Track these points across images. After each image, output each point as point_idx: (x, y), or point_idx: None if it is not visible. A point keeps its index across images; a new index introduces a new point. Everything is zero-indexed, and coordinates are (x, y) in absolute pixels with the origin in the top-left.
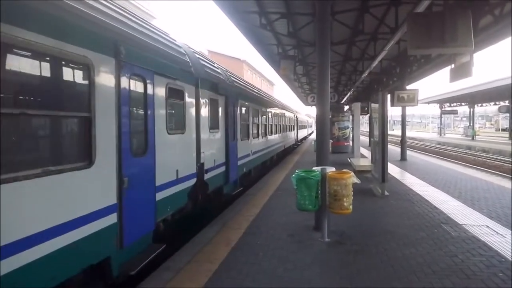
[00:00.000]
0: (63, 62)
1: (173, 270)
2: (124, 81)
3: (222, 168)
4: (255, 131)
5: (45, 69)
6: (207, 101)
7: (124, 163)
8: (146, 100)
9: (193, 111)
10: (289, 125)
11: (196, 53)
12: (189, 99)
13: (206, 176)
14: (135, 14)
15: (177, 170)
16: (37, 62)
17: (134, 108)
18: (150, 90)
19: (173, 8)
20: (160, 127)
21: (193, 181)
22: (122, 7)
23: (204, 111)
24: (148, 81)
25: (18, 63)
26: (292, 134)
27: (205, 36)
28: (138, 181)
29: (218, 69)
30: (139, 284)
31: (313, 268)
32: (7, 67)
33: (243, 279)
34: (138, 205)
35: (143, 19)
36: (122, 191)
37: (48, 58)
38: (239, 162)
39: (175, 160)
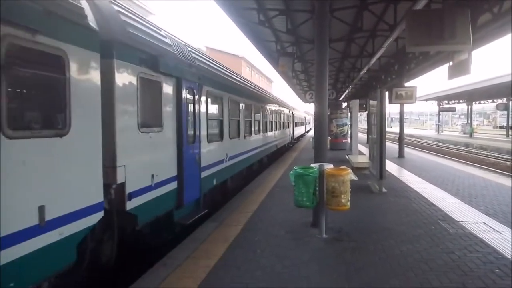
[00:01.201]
0: None
1: (171, 266)
2: None
3: (171, 185)
4: (233, 130)
5: None
6: (136, 82)
7: None
8: None
9: (94, 96)
10: (283, 122)
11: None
12: (82, 75)
13: (131, 204)
14: None
15: (40, 209)
16: None
17: None
18: None
19: (171, 5)
20: None
21: (89, 222)
22: None
23: (127, 98)
24: None
25: None
26: (287, 132)
27: (204, 33)
28: None
29: (160, 33)
30: (137, 280)
31: (311, 264)
32: None
33: (241, 275)
34: None
35: None
36: None
37: None
38: (205, 173)
39: (36, 190)
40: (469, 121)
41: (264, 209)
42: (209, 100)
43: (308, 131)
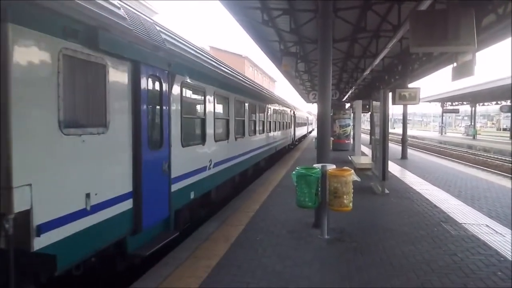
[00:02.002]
0: None
1: (172, 266)
2: None
3: (123, 205)
4: (220, 131)
5: None
6: (55, 61)
7: None
8: None
9: None
10: (284, 122)
11: None
12: None
13: (43, 240)
14: None
15: None
16: None
17: None
18: None
19: (175, 4)
20: None
21: None
22: None
23: (37, 84)
24: None
25: None
26: (287, 133)
27: (207, 32)
28: None
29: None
30: (138, 280)
31: (313, 265)
32: None
33: (242, 275)
34: None
35: None
36: None
37: None
38: (177, 185)
39: None
40: (472, 123)
41: (266, 209)
42: (185, 93)
43: (310, 132)
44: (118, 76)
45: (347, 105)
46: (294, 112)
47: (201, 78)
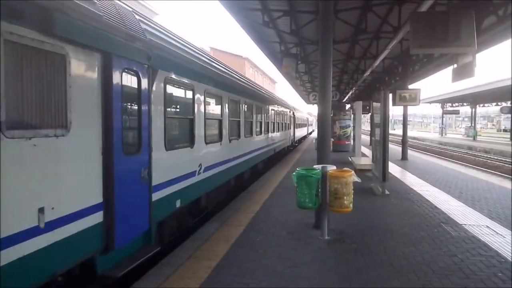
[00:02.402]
0: None
1: (173, 266)
2: None
3: (91, 219)
4: (212, 132)
5: None
6: None
7: None
8: None
9: None
10: (283, 123)
11: None
12: None
13: None
14: None
15: None
16: None
17: None
18: None
19: (176, 5)
20: None
21: None
22: None
23: None
24: None
25: None
26: (286, 134)
27: (208, 33)
28: None
29: None
30: (139, 280)
31: (313, 265)
32: None
33: (243, 275)
34: None
35: None
36: None
37: None
38: (159, 194)
39: None
40: (472, 124)
41: (267, 210)
42: (169, 91)
43: (310, 133)
44: (82, 68)
45: (348, 106)
46: (293, 113)
47: (189, 75)
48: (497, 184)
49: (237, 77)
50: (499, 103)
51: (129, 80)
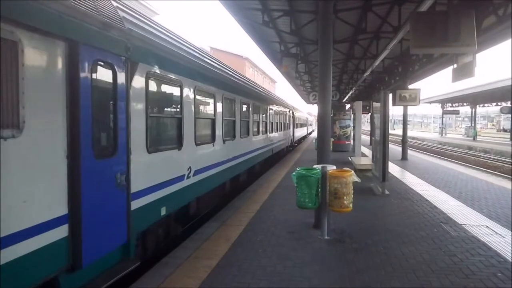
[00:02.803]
0: None
1: (172, 266)
2: None
3: (53, 234)
4: (202, 133)
5: None
6: None
7: None
8: None
9: None
10: (281, 123)
11: None
12: None
13: None
14: None
15: None
16: None
17: None
18: None
19: (176, 5)
20: None
21: None
22: None
23: None
24: None
25: None
26: (286, 134)
27: (208, 33)
28: None
29: None
30: (138, 280)
31: (313, 266)
32: None
33: (243, 275)
34: None
35: None
36: None
37: None
38: (141, 201)
39: None
40: (472, 124)
41: (266, 210)
42: (152, 87)
43: (310, 133)
44: (40, 58)
45: (348, 106)
46: (293, 112)
47: (176, 70)
48: (497, 184)
49: (232, 74)
50: (499, 103)
51: (102, 74)
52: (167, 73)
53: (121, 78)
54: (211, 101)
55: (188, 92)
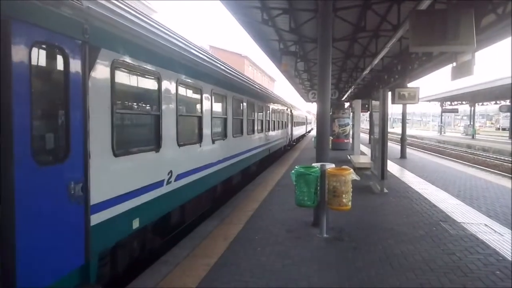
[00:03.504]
0: None
1: (171, 264)
2: None
3: None
4: (186, 132)
5: None
6: None
7: None
8: None
9: None
10: (279, 121)
11: None
12: None
13: None
14: None
15: None
16: None
17: None
18: None
19: (175, 3)
20: None
21: None
22: None
23: None
24: None
25: None
26: (283, 133)
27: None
28: None
29: None
30: (137, 278)
31: (311, 264)
32: None
33: (241, 273)
34: None
35: None
36: None
37: None
38: (104, 214)
39: None
40: (471, 123)
41: (265, 208)
42: (120, 78)
43: (309, 131)
44: None
45: (347, 104)
46: (291, 110)
47: (153, 60)
48: (496, 183)
49: (223, 68)
50: (498, 102)
51: (48, 60)
52: (141, 63)
53: (76, 65)
54: (197, 96)
55: (168, 86)
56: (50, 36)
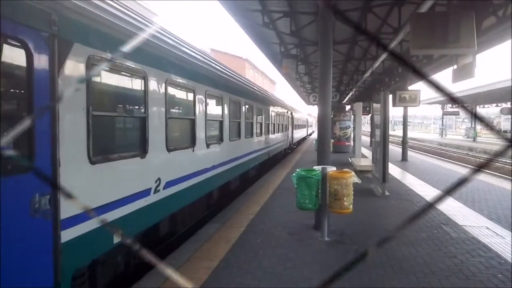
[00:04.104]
0: None
1: (173, 267)
2: None
3: None
4: (178, 135)
5: None
6: None
7: None
8: None
9: None
10: (279, 124)
11: None
12: None
13: None
14: None
15: None
16: None
17: None
18: None
19: (176, 6)
20: None
21: None
22: None
23: None
24: None
25: None
26: (284, 136)
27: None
28: None
29: None
30: (139, 281)
31: (313, 267)
32: None
33: (243, 276)
34: None
35: None
36: None
37: None
38: (78, 229)
39: None
40: (472, 125)
41: (267, 211)
42: (97, 76)
43: (310, 134)
44: None
45: (348, 107)
46: (292, 113)
47: (138, 57)
48: (497, 185)
49: (219, 68)
50: (499, 104)
51: (7, 55)
52: (123, 61)
53: (41, 61)
54: (190, 98)
55: (156, 86)
56: (9, 27)
